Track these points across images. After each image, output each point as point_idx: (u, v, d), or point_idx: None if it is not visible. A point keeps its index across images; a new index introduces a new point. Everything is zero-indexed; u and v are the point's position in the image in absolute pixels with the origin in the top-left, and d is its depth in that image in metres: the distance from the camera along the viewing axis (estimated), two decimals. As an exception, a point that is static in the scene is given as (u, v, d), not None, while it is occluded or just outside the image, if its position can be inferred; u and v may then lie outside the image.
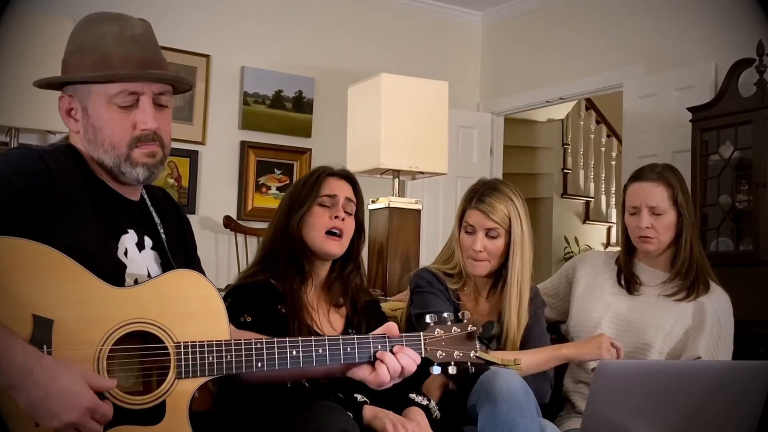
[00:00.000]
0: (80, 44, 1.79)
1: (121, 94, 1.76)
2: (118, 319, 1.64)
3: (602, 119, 8.47)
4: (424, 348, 1.93)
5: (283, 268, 2.28)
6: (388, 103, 3.97)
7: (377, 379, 1.87)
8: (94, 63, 1.76)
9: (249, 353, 1.75)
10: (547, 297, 2.90)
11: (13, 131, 3.68)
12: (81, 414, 1.51)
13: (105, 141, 1.77)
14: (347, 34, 6.30)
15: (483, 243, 2.54)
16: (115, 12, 1.83)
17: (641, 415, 2.05)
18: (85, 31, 1.80)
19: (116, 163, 1.77)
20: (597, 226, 8.54)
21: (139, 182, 1.82)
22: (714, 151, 4.58)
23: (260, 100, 5.93)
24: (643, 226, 2.70)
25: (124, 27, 1.79)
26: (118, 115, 1.76)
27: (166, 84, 1.82)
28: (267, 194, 5.91)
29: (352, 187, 2.40)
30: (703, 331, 2.67)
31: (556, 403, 2.75)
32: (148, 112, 1.78)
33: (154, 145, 1.79)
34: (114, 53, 1.76)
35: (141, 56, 1.78)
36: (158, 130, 1.80)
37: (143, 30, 1.82)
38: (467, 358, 1.95)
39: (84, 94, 1.78)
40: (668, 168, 2.77)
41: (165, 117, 1.83)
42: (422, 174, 4.18)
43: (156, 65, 1.80)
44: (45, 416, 1.49)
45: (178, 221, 2.01)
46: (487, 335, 1.99)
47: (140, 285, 1.72)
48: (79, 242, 1.65)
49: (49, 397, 1.48)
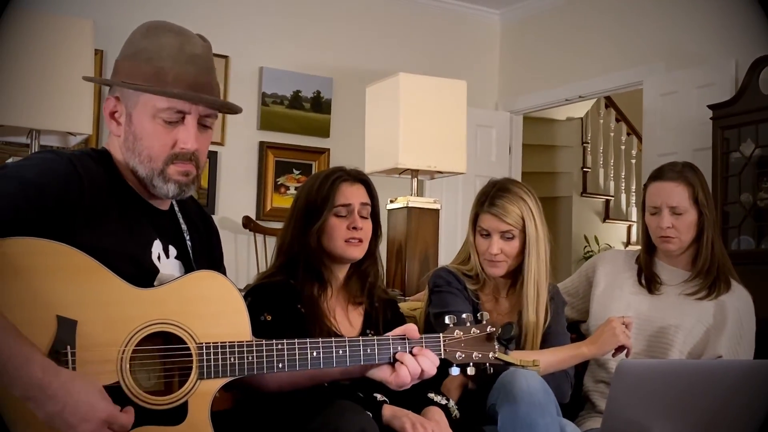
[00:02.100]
0: (137, 51, 1.78)
1: (169, 110, 1.75)
2: (141, 320, 1.65)
3: (622, 117, 8.43)
4: (444, 349, 1.93)
5: (302, 277, 2.29)
6: (406, 102, 3.97)
7: (397, 381, 1.88)
8: (148, 74, 1.75)
9: (270, 354, 1.76)
10: (567, 296, 2.89)
11: (33, 133, 3.70)
12: (97, 425, 1.52)
13: (143, 152, 1.77)
14: (365, 33, 6.31)
15: (499, 245, 2.53)
16: (178, 25, 1.82)
17: (662, 414, 2.04)
18: (145, 38, 1.78)
19: (149, 175, 1.78)
20: (617, 225, 8.50)
21: (168, 197, 1.83)
22: (735, 148, 4.55)
23: (279, 101, 5.95)
24: (663, 226, 2.69)
25: (185, 44, 1.78)
26: (161, 129, 1.76)
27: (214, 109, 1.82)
28: (286, 194, 5.93)
29: (366, 189, 2.38)
30: (725, 330, 2.65)
31: (577, 403, 2.74)
32: (191, 133, 1.77)
33: (190, 164, 1.80)
34: (169, 68, 1.75)
35: (195, 77, 1.77)
36: (197, 151, 1.80)
37: (202, 50, 1.80)
38: (486, 359, 1.95)
39: (131, 100, 1.78)
40: (688, 166, 2.75)
41: (206, 138, 1.83)
42: (441, 173, 4.18)
43: (208, 88, 1.79)
44: (63, 428, 1.51)
45: (206, 231, 2.01)
46: (506, 336, 1.98)
47: (163, 286, 1.73)
48: (104, 245, 1.66)
49: (66, 410, 1.50)
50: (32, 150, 3.70)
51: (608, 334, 2.52)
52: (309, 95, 6.06)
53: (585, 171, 8.33)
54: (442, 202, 4.32)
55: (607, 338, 2.52)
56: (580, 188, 8.30)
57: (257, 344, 1.75)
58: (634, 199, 8.40)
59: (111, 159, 1.83)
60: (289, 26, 6.02)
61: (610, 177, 8.43)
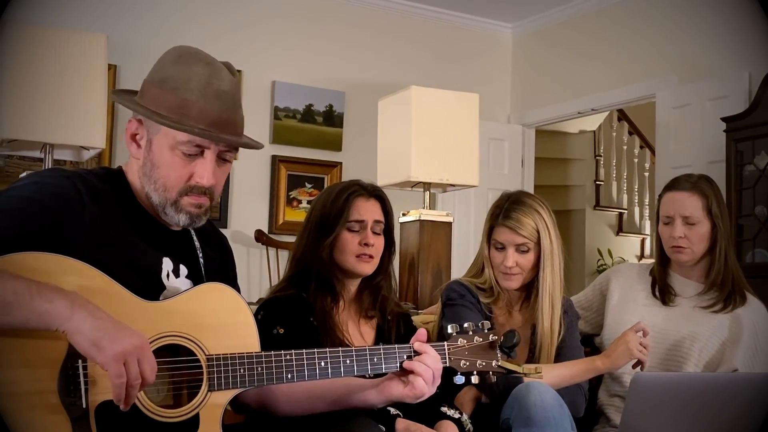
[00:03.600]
0: (165, 78, 1.77)
1: (188, 144, 1.75)
2: (151, 333, 1.65)
3: (635, 130, 8.41)
4: (448, 357, 1.94)
5: (314, 289, 2.29)
6: (418, 115, 3.97)
7: (414, 392, 1.87)
8: (173, 104, 1.74)
9: (279, 365, 1.76)
10: (581, 310, 2.88)
11: (47, 147, 3.72)
12: (142, 341, 1.53)
13: (158, 180, 1.77)
14: (377, 47, 6.33)
15: (514, 258, 2.52)
16: (210, 55, 1.80)
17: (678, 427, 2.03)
18: (175, 65, 1.78)
19: (162, 203, 1.78)
20: (630, 238, 8.46)
21: (179, 226, 1.83)
22: (749, 161, 4.53)
23: (291, 115, 5.97)
24: (676, 236, 2.67)
25: (213, 77, 1.76)
26: (179, 161, 1.76)
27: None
28: (298, 208, 5.94)
29: (381, 205, 2.37)
30: (740, 343, 2.63)
31: (591, 417, 2.72)
32: (208, 169, 1.77)
33: (204, 197, 1.79)
34: (194, 102, 1.74)
35: (219, 114, 1.75)
36: (213, 186, 1.80)
37: (230, 86, 1.79)
38: (489, 367, 1.96)
39: (153, 128, 1.78)
40: (703, 178, 2.73)
41: (224, 171, 1.83)
42: (453, 186, 4.17)
43: (231, 126, 1.78)
44: (112, 337, 1.50)
45: (220, 251, 2.02)
46: (509, 344, 1.99)
47: (171, 299, 1.73)
48: (110, 260, 1.67)
49: (106, 323, 1.51)
50: (46, 164, 3.72)
51: (622, 347, 2.50)
52: (321, 109, 6.07)
53: (598, 184, 8.31)
54: (454, 215, 4.30)
55: (622, 352, 2.50)
56: (593, 201, 8.27)
57: (266, 355, 1.75)
58: (647, 213, 8.36)
59: (123, 177, 1.83)
60: (301, 40, 6.05)
61: (623, 190, 8.41)
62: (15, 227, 1.58)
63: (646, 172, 8.44)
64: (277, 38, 5.96)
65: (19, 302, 1.48)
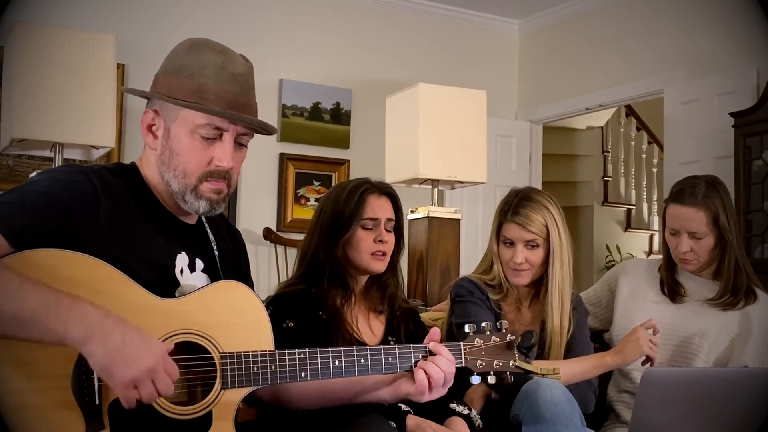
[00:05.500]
0: (179, 66, 1.79)
1: (207, 127, 1.77)
2: (165, 330, 1.66)
3: (643, 126, 8.39)
4: (465, 358, 1.93)
5: (327, 285, 2.29)
6: (425, 113, 3.97)
7: (418, 390, 1.87)
8: (190, 89, 1.76)
9: (293, 363, 1.76)
10: (590, 306, 2.88)
11: (57, 146, 3.73)
12: (159, 358, 1.53)
13: (178, 167, 1.78)
14: (384, 45, 6.33)
15: (523, 254, 2.52)
16: (221, 44, 1.84)
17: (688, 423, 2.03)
18: (188, 55, 1.80)
19: (182, 190, 1.79)
20: (639, 234, 8.44)
21: (198, 214, 1.84)
22: (757, 156, 4.52)
23: (298, 112, 5.97)
24: (682, 251, 2.66)
25: (227, 62, 1.80)
26: (198, 146, 1.78)
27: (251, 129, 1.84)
28: (306, 206, 5.95)
29: (392, 203, 2.39)
30: (750, 340, 2.63)
31: (601, 413, 2.72)
32: (227, 151, 1.79)
33: (223, 182, 1.81)
34: (211, 86, 1.77)
35: (236, 96, 1.80)
36: (231, 169, 1.81)
37: (244, 70, 1.83)
38: (506, 367, 1.95)
39: (171, 115, 1.79)
40: (710, 186, 2.67)
41: (241, 156, 1.86)
42: (461, 183, 4.17)
43: (247, 108, 1.82)
44: (123, 364, 1.50)
45: (233, 245, 2.03)
46: (527, 344, 1.97)
47: (186, 296, 1.74)
48: (125, 256, 1.68)
49: (126, 343, 1.51)
50: (56, 163, 3.74)
51: (632, 344, 2.50)
52: (329, 107, 6.08)
53: (606, 180, 8.29)
54: (462, 211, 4.31)
55: (632, 348, 2.50)
56: (601, 197, 8.25)
57: (280, 353, 1.76)
58: (655, 208, 8.34)
59: (137, 173, 1.84)
60: (308, 38, 6.05)
61: (632, 186, 8.39)
62: (32, 223, 1.59)
63: (654, 168, 8.42)
64: (285, 37, 5.96)
65: (36, 323, 1.50)
